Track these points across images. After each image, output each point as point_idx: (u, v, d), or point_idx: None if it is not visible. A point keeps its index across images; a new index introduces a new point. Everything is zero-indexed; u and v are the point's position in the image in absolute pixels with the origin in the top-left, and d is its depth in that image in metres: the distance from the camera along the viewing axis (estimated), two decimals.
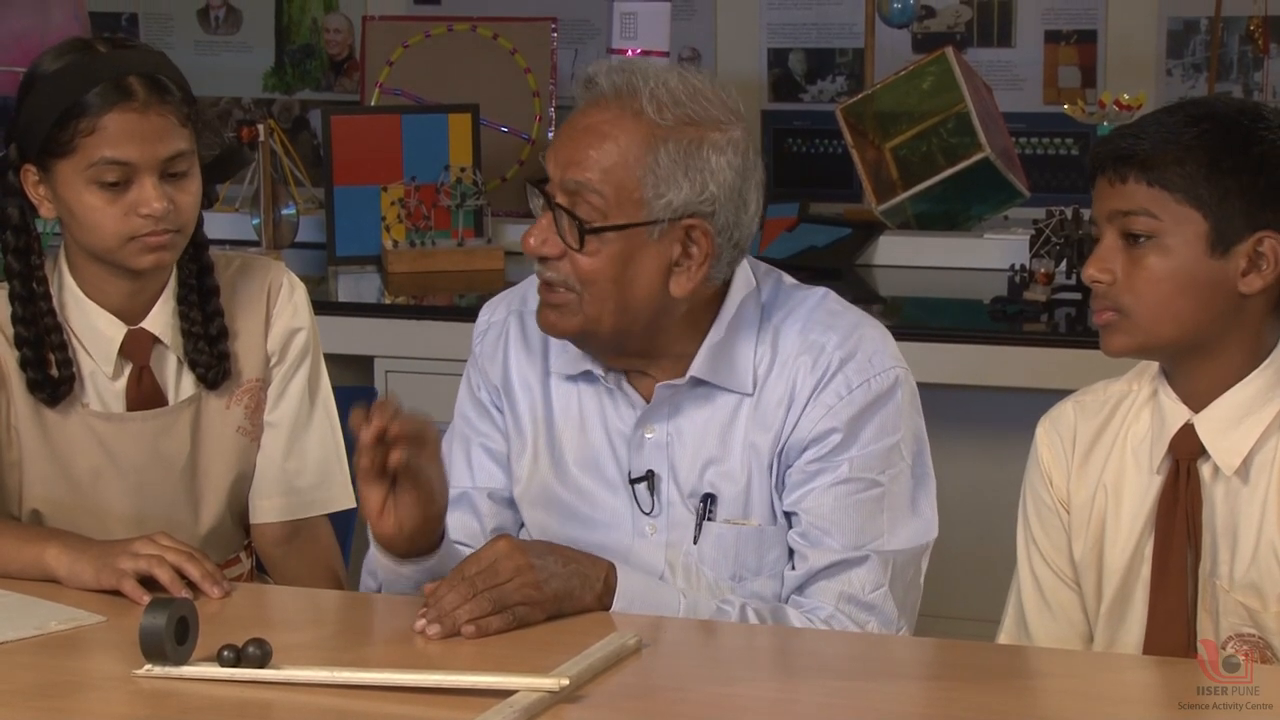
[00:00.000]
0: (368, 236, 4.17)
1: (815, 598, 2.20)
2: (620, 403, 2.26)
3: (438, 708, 1.84)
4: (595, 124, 2.15)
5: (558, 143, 2.19)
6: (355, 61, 4.91)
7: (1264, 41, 4.19)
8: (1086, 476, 2.20)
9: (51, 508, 2.39)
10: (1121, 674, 2.02)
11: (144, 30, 5.14)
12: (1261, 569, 2.09)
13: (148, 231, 2.29)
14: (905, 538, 2.22)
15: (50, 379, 2.35)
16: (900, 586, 2.21)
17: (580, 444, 2.28)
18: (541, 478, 2.30)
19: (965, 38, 4.50)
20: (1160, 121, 2.07)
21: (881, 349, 2.24)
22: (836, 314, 2.26)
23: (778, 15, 4.66)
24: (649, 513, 2.25)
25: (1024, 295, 3.62)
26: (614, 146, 2.14)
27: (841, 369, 2.20)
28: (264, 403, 2.46)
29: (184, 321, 2.40)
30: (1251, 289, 2.06)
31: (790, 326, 2.24)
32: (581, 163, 2.14)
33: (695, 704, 1.90)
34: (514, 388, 2.31)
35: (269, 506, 2.48)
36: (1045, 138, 4.47)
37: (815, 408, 2.20)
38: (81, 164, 2.28)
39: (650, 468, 2.25)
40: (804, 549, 2.21)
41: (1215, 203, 2.03)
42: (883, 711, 1.90)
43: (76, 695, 1.93)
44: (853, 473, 2.20)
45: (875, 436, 2.21)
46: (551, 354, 2.30)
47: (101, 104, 2.27)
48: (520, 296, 2.35)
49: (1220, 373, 2.10)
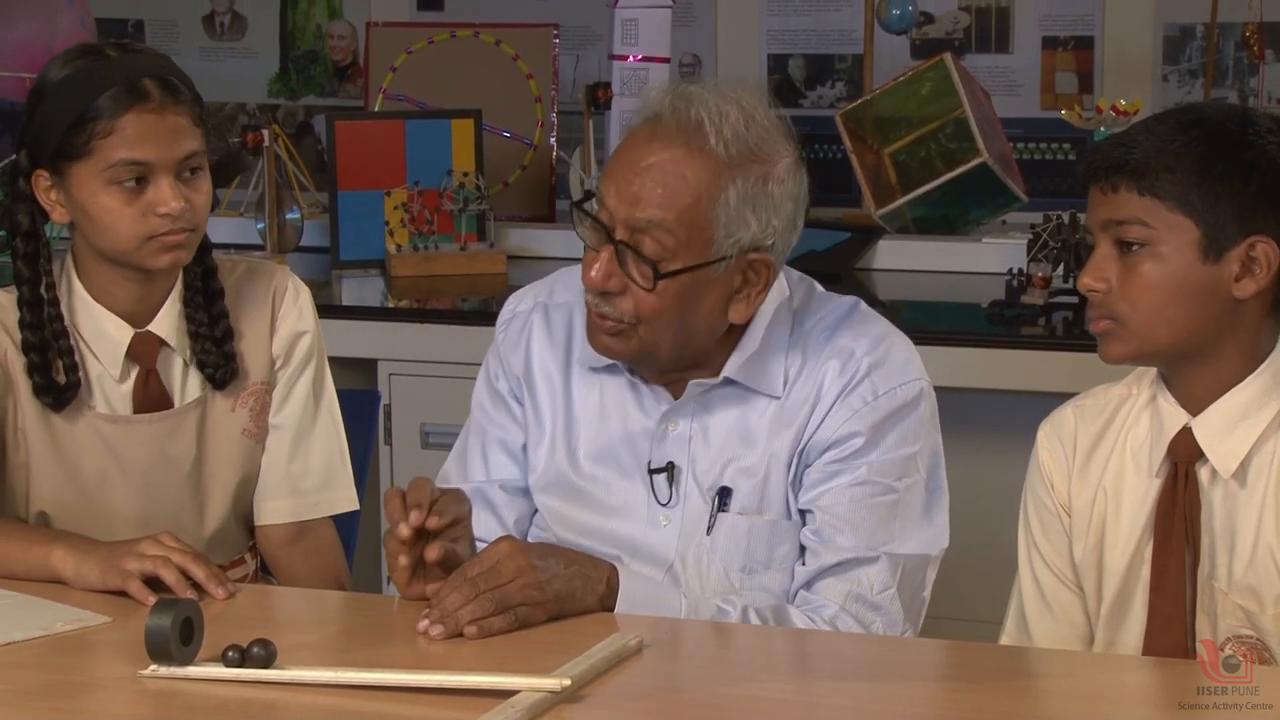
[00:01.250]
0: (371, 241, 4.18)
1: (823, 594, 2.22)
2: (646, 396, 2.28)
3: (440, 708, 1.85)
4: (664, 162, 2.14)
5: (620, 175, 2.16)
6: (359, 67, 4.93)
7: (1259, 47, 4.20)
8: (1087, 480, 2.21)
9: (58, 510, 2.41)
10: (1121, 674, 2.02)
11: (150, 36, 5.16)
12: (1259, 571, 2.10)
13: (165, 231, 2.31)
14: (916, 545, 2.24)
15: (55, 384, 2.36)
16: (907, 592, 2.23)
17: (599, 433, 2.30)
18: (558, 465, 2.32)
19: (963, 44, 4.52)
20: (1150, 129, 2.08)
21: (909, 360, 2.27)
22: (867, 321, 2.29)
23: (777, 21, 4.68)
24: (665, 503, 2.27)
25: (1021, 299, 3.62)
26: (685, 187, 2.13)
27: (869, 375, 2.23)
28: (269, 405, 2.47)
29: (190, 323, 2.41)
30: (1246, 293, 2.06)
31: (820, 332, 2.27)
32: (651, 201, 2.14)
33: (696, 705, 1.91)
34: (535, 377, 2.34)
35: (274, 508, 2.49)
36: (1043, 143, 4.48)
37: (840, 410, 2.23)
38: (99, 166, 2.29)
39: (671, 460, 2.27)
40: (816, 545, 2.23)
41: (1206, 209, 2.04)
42: (884, 712, 1.90)
43: (82, 696, 1.94)
44: (870, 476, 2.22)
45: (895, 444, 2.23)
46: (575, 345, 2.32)
47: (117, 106, 2.28)
48: (548, 289, 2.37)
49: (1217, 376, 2.11)
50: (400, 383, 3.74)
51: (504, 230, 4.26)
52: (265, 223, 4.21)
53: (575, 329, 2.32)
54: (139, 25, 5.15)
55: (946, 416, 2.35)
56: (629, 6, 4.12)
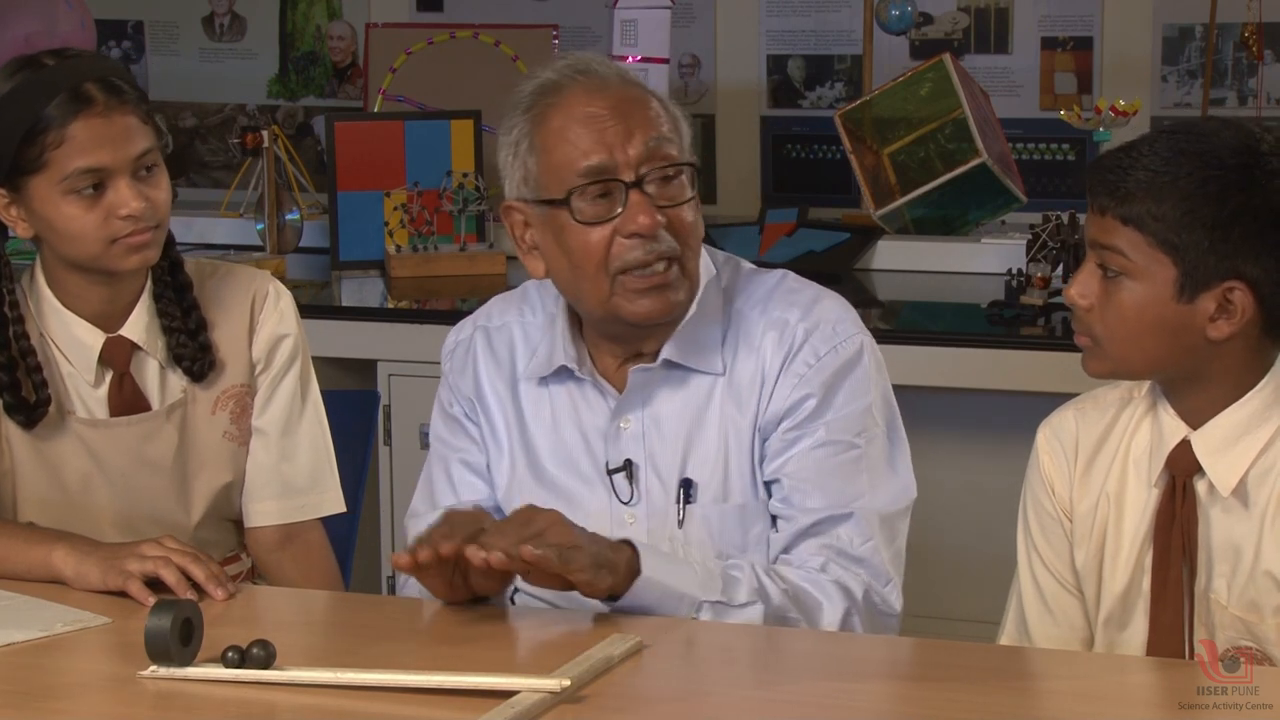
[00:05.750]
0: (371, 241, 4.19)
1: (802, 555, 2.22)
2: (593, 397, 2.30)
3: (440, 708, 1.85)
4: (624, 96, 2.20)
5: (598, 127, 2.19)
6: (359, 68, 4.93)
7: (1258, 48, 4.20)
8: (1089, 485, 2.20)
9: (44, 514, 2.40)
10: (1122, 675, 2.02)
11: (149, 37, 5.16)
12: (1260, 587, 2.09)
13: (129, 232, 2.31)
14: (886, 498, 2.25)
15: (25, 403, 2.36)
16: (886, 544, 2.24)
17: (554, 442, 2.31)
18: (520, 480, 2.33)
19: (963, 44, 4.52)
20: (1148, 153, 2.04)
21: (843, 317, 2.29)
22: (796, 290, 2.31)
23: (777, 22, 4.68)
24: (627, 502, 2.28)
25: (1020, 299, 3.63)
26: (650, 99, 2.22)
27: (808, 339, 2.25)
28: (250, 408, 2.47)
29: (163, 319, 2.41)
30: (1220, 334, 2.05)
31: (752, 308, 2.29)
32: (644, 121, 2.19)
33: (696, 705, 1.91)
34: (486, 397, 2.35)
35: (261, 511, 2.49)
36: (1042, 143, 4.49)
37: (787, 379, 2.25)
38: (55, 177, 2.29)
39: (628, 457, 2.28)
40: (787, 512, 2.24)
41: (1186, 250, 2.02)
42: (884, 713, 1.91)
43: (82, 696, 1.95)
44: (830, 436, 2.23)
45: (847, 400, 2.25)
46: (519, 361, 2.35)
47: (64, 115, 2.28)
48: (485, 314, 2.40)
49: (1213, 393, 2.10)
50: (400, 383, 3.74)
51: (503, 231, 4.24)
52: (265, 224, 4.21)
53: (516, 346, 2.35)
54: (139, 26, 5.16)
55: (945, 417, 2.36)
56: (628, 7, 4.12)
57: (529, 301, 2.38)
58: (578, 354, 2.29)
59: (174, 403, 2.43)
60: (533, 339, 2.34)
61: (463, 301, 3.97)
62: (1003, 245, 3.96)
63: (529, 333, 2.35)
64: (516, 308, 2.38)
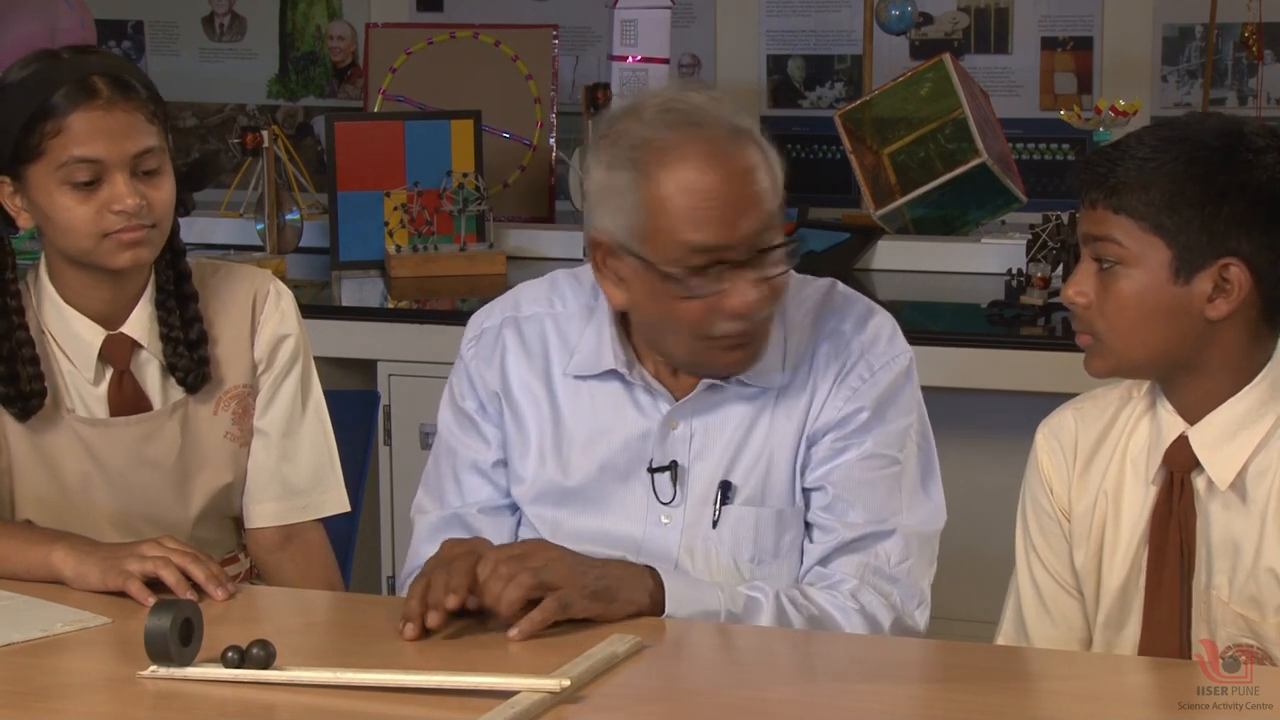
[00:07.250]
0: (371, 241, 4.19)
1: (839, 570, 2.23)
2: (643, 398, 2.27)
3: (440, 708, 1.85)
4: (744, 165, 2.14)
5: (720, 203, 2.12)
6: (359, 68, 4.94)
7: (1258, 48, 4.21)
8: (1088, 485, 2.20)
9: (42, 513, 2.40)
10: (1121, 675, 2.02)
11: (149, 37, 5.16)
12: (1260, 584, 2.09)
13: (121, 228, 2.30)
14: (920, 518, 2.26)
15: (21, 394, 2.36)
16: (920, 565, 2.25)
17: (593, 438, 2.28)
18: (549, 475, 2.30)
19: (963, 44, 4.52)
20: (1134, 145, 2.07)
21: (895, 334, 2.30)
22: (849, 301, 2.31)
23: (777, 22, 4.69)
24: (668, 502, 2.27)
25: (1020, 299, 3.63)
26: (767, 178, 2.16)
27: (864, 355, 2.26)
28: (251, 409, 2.46)
29: (162, 326, 2.40)
30: (1218, 313, 2.06)
31: (804, 316, 2.28)
32: (760, 201, 2.14)
33: (696, 705, 1.91)
34: (514, 392, 2.32)
35: (262, 511, 2.48)
36: (1042, 143, 4.49)
37: (840, 392, 2.24)
38: (51, 166, 2.29)
39: (674, 459, 2.27)
40: (828, 522, 2.24)
41: (1178, 230, 2.03)
42: (884, 713, 1.90)
43: (82, 697, 1.95)
44: (876, 449, 2.24)
45: (895, 416, 2.26)
46: (552, 354, 2.31)
47: (66, 104, 2.28)
48: (513, 302, 2.36)
49: (1210, 387, 2.11)
50: (400, 383, 3.74)
51: (503, 231, 4.26)
52: (265, 224, 4.21)
53: (549, 338, 2.31)
54: (139, 26, 5.16)
55: (945, 417, 2.36)
56: (628, 7, 4.12)
57: (558, 291, 2.33)
58: (627, 358, 2.27)
59: (176, 402, 2.43)
60: (566, 331, 2.31)
61: (463, 301, 3.97)
62: (1003, 245, 3.96)
63: (560, 324, 2.31)
64: (546, 298, 2.32)
